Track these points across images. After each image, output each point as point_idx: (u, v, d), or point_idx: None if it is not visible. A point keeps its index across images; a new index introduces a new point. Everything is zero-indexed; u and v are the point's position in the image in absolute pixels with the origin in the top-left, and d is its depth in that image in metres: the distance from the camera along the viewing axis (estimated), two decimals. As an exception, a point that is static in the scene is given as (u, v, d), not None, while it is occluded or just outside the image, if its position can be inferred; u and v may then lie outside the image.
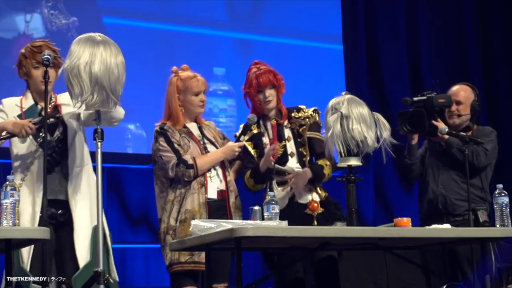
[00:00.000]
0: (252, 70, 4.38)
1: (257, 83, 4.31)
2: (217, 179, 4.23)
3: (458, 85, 4.91)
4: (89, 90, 3.40)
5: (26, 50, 3.88)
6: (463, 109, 4.81)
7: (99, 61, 3.41)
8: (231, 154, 4.25)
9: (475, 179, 4.69)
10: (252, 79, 4.33)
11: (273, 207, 3.60)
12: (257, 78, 4.32)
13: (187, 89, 4.27)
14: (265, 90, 4.31)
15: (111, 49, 3.47)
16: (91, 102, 3.42)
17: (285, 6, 7.52)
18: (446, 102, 4.75)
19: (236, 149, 4.25)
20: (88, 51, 3.43)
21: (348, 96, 3.94)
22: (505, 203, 3.95)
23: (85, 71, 3.40)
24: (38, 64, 3.81)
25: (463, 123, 4.83)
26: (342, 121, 3.79)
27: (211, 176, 4.22)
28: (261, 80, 4.31)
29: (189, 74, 4.36)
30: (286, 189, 4.24)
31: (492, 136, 4.78)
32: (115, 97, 3.44)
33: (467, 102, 4.82)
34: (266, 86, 4.31)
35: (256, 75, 4.33)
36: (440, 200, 4.70)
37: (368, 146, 3.82)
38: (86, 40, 3.48)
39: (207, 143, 4.30)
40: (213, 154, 4.23)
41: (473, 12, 8.13)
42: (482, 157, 4.64)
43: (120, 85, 3.48)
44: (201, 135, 4.31)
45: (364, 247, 4.03)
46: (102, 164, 3.55)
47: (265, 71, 4.35)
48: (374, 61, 7.80)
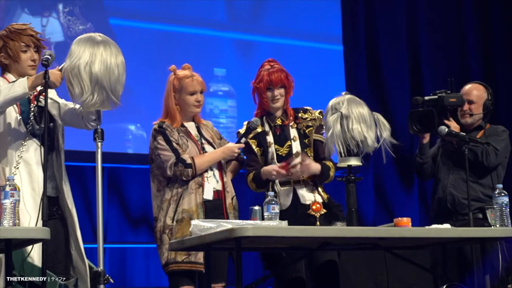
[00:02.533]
0: (265, 67, 4.37)
1: (269, 80, 4.30)
2: (213, 180, 4.22)
3: (470, 84, 4.90)
4: (89, 90, 3.40)
5: (11, 33, 3.76)
6: (475, 108, 4.80)
7: (99, 61, 3.41)
8: (230, 155, 4.25)
9: (486, 178, 4.69)
10: (264, 75, 4.32)
11: (273, 207, 3.60)
12: (269, 75, 4.30)
13: (182, 88, 4.27)
14: (274, 89, 4.30)
15: (111, 49, 3.47)
16: (91, 102, 3.42)
17: (285, 7, 7.53)
18: (457, 101, 4.74)
19: (235, 150, 4.25)
20: (88, 51, 3.43)
21: (348, 96, 3.94)
22: (505, 203, 3.96)
23: (85, 71, 3.40)
24: (26, 48, 3.76)
25: (475, 122, 4.82)
26: (342, 121, 3.79)
27: (208, 177, 4.21)
28: (273, 78, 4.30)
29: (187, 73, 4.35)
30: (289, 189, 4.23)
31: (503, 136, 4.78)
32: (115, 97, 3.44)
33: (479, 101, 4.81)
34: (277, 85, 4.30)
35: (268, 72, 4.32)
36: (448, 199, 4.71)
37: (368, 146, 3.82)
38: (86, 40, 3.48)
39: (204, 143, 4.29)
40: (212, 154, 4.22)
41: (473, 12, 8.13)
42: (492, 157, 4.64)
43: (120, 85, 3.48)
44: (199, 135, 4.31)
45: (364, 247, 4.04)
46: (102, 164, 3.55)
47: (278, 70, 4.34)
48: (374, 61, 7.80)
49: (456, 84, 4.88)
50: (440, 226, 3.94)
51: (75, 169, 5.56)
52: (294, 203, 4.21)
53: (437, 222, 4.23)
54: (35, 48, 3.73)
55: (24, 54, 3.74)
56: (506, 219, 3.94)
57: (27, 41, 3.73)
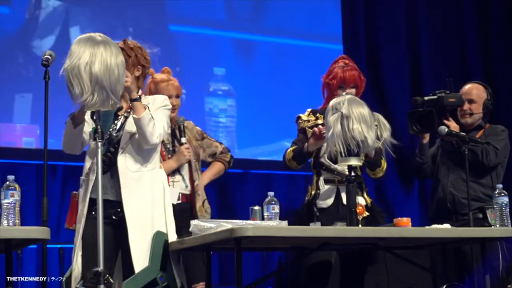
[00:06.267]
0: (339, 63, 4.36)
1: (343, 77, 4.28)
2: (182, 184, 4.26)
3: (470, 84, 4.91)
4: (89, 90, 3.39)
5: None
6: (475, 108, 4.81)
7: (99, 61, 3.40)
8: (183, 159, 4.27)
9: (486, 178, 4.69)
10: (338, 72, 4.30)
11: (273, 207, 3.60)
12: (344, 73, 4.28)
13: (157, 92, 4.28)
14: (347, 88, 4.28)
15: (111, 49, 3.46)
16: (91, 102, 3.41)
17: (285, 6, 7.53)
18: (456, 101, 4.74)
19: (185, 152, 4.26)
20: (88, 51, 3.42)
21: (349, 96, 3.94)
22: (504, 203, 3.96)
23: (85, 71, 3.39)
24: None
25: (475, 122, 4.82)
26: (343, 121, 3.79)
27: (175, 182, 4.26)
28: (347, 76, 4.28)
29: (164, 77, 4.39)
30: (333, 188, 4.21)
31: (503, 135, 4.78)
32: (115, 97, 3.44)
33: (479, 100, 4.82)
34: (349, 84, 4.28)
35: (343, 70, 4.30)
36: (448, 199, 4.71)
37: (368, 146, 3.82)
38: (87, 40, 3.47)
39: (176, 146, 4.31)
40: (166, 164, 4.22)
41: (473, 12, 8.13)
42: (492, 156, 4.64)
43: (120, 85, 3.47)
44: (170, 139, 4.31)
45: (364, 247, 4.03)
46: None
47: (352, 69, 4.32)
48: (374, 61, 7.80)
49: (455, 84, 4.89)
50: (440, 226, 3.95)
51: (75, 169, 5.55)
52: (336, 203, 4.19)
53: (437, 222, 4.23)
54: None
55: None
56: (506, 219, 3.95)
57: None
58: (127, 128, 3.73)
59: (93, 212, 3.60)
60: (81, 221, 3.66)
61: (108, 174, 3.70)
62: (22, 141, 6.47)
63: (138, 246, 3.60)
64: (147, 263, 3.59)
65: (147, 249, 3.61)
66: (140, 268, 3.57)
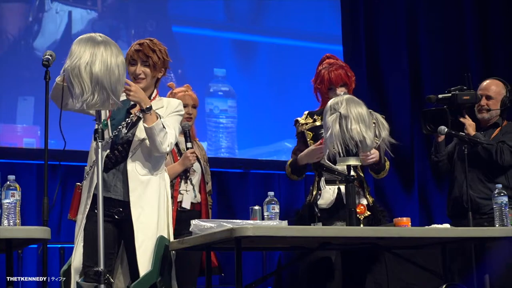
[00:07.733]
0: (323, 65, 4.33)
1: (329, 79, 4.25)
2: (192, 194, 4.36)
3: (489, 80, 4.87)
4: (89, 90, 3.40)
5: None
6: (493, 104, 4.77)
7: (99, 61, 3.41)
8: (189, 163, 4.33)
9: (501, 177, 4.66)
10: (325, 75, 4.27)
11: (273, 207, 3.61)
12: (330, 74, 4.25)
13: None
14: (336, 88, 4.26)
15: (111, 49, 3.46)
16: (92, 102, 3.42)
17: (285, 7, 7.54)
18: (470, 99, 4.68)
19: (191, 157, 4.31)
20: (88, 51, 3.42)
21: (347, 96, 3.93)
22: (504, 203, 3.96)
23: (85, 71, 3.39)
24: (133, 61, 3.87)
25: (492, 118, 4.79)
26: (341, 121, 3.78)
27: (187, 190, 4.34)
28: (333, 77, 4.25)
29: (182, 88, 4.54)
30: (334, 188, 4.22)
31: None
32: (115, 97, 3.44)
33: (497, 97, 4.79)
34: (338, 84, 4.26)
35: (329, 71, 4.27)
36: (464, 199, 4.66)
37: (367, 146, 3.82)
38: (87, 40, 3.48)
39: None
40: (172, 168, 4.30)
41: (473, 12, 8.13)
42: (506, 155, 4.60)
43: (120, 85, 3.47)
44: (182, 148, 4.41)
45: (364, 247, 4.04)
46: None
47: (337, 68, 4.28)
48: (374, 61, 7.81)
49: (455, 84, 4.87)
50: (439, 226, 3.95)
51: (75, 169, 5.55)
52: (337, 204, 4.18)
53: (454, 220, 4.20)
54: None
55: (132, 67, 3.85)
56: (506, 219, 3.94)
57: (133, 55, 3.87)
58: (138, 134, 3.74)
59: (95, 210, 3.61)
60: (83, 213, 3.68)
61: (113, 172, 3.71)
62: (23, 142, 6.49)
63: (143, 249, 3.61)
64: (150, 266, 3.60)
65: (151, 252, 3.62)
66: (144, 271, 3.58)
